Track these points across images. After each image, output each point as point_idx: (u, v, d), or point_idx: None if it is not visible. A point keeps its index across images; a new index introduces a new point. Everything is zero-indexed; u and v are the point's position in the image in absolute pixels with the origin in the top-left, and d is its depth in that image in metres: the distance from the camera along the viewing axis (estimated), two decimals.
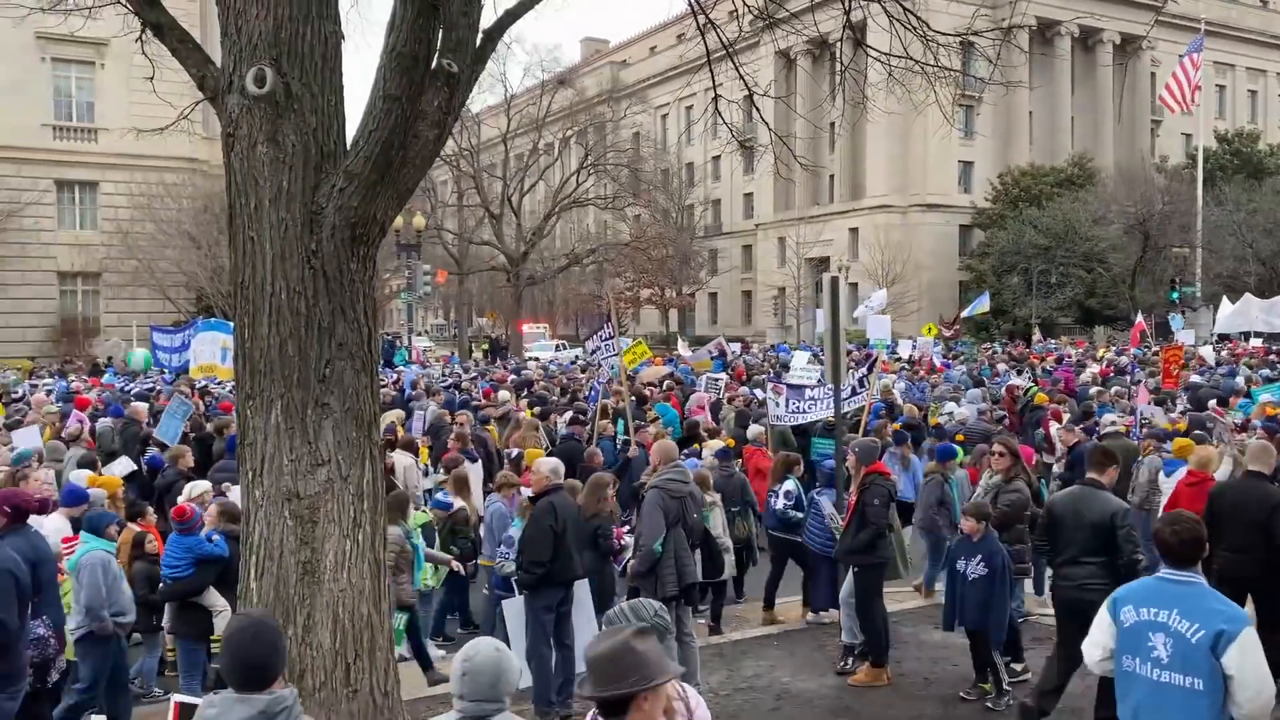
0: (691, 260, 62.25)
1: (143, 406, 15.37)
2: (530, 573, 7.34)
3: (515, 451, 11.81)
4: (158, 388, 20.64)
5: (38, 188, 39.97)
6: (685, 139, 65.92)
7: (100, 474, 9.77)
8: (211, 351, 14.96)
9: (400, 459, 11.32)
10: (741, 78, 8.80)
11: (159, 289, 39.16)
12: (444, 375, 27.30)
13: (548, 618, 7.49)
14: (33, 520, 7.27)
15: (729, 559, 9.67)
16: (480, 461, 12.13)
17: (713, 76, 8.46)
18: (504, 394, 18.08)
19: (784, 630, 9.87)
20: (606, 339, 14.26)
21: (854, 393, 12.00)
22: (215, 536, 7.43)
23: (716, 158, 69.17)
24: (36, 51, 40.88)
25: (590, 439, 13.30)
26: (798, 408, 12.60)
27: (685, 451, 11.98)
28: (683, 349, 32.29)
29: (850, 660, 8.61)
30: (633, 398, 14.35)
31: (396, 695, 5.68)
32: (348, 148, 5.52)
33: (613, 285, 63.01)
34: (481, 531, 9.79)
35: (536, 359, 39.05)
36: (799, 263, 58.31)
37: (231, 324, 5.99)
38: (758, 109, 9.59)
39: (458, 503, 9.69)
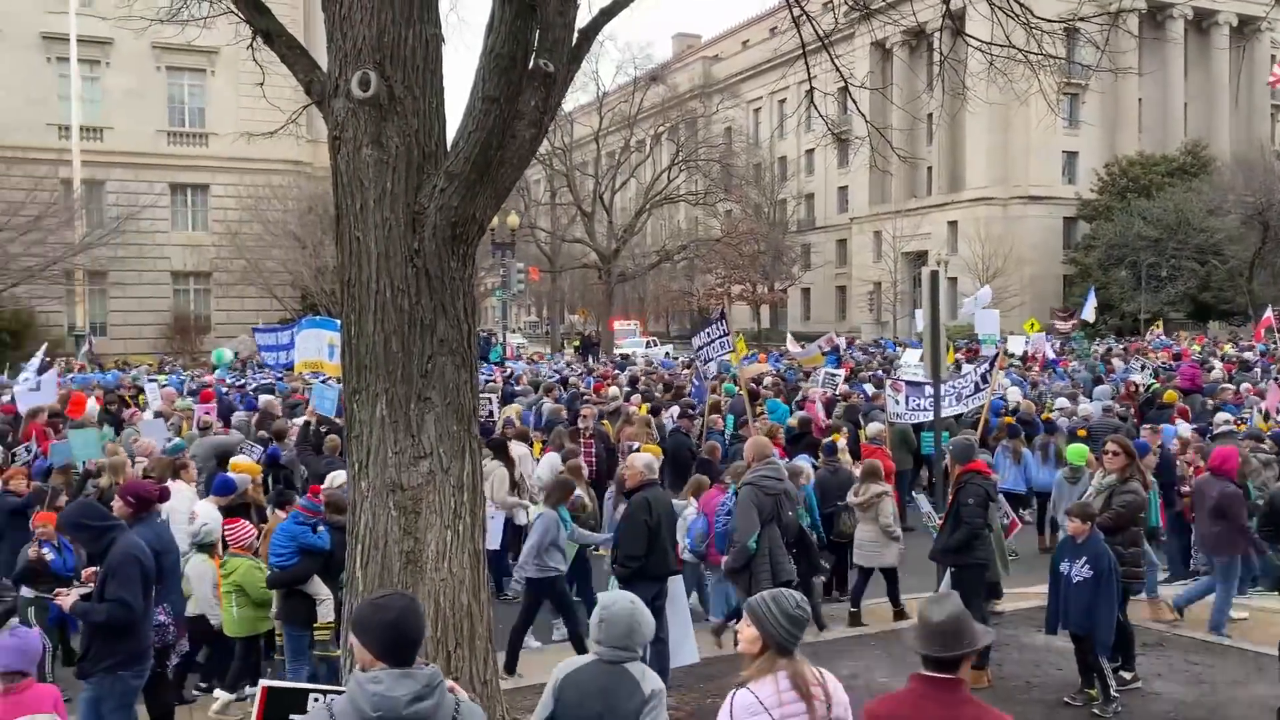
0: (784, 255, 61.73)
1: (275, 400, 16.02)
2: (625, 566, 7.39)
3: (634, 445, 11.82)
4: (276, 384, 21.44)
5: (153, 191, 41.83)
6: (778, 133, 65.40)
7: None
8: (316, 348, 15.43)
9: (516, 449, 11.79)
10: (837, 69, 8.69)
11: (266, 287, 40.61)
12: (551, 371, 27.73)
13: None
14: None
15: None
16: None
17: (808, 69, 8.38)
18: (614, 390, 18.46)
19: (880, 630, 9.73)
20: (718, 336, 14.21)
21: (976, 390, 11.78)
22: (320, 528, 7.67)
23: (810, 151, 68.39)
24: (153, 61, 42.81)
25: (701, 434, 13.35)
26: (918, 405, 12.40)
27: (799, 448, 11.95)
28: (790, 345, 32.06)
29: None
30: (743, 393, 14.32)
31: (495, 684, 5.80)
32: (448, 149, 5.64)
33: (703, 281, 62.94)
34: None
35: (629, 355, 39.30)
36: (895, 257, 57.30)
37: (338, 321, 6.18)
38: (854, 100, 9.46)
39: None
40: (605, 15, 6.46)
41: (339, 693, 3.65)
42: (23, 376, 15.73)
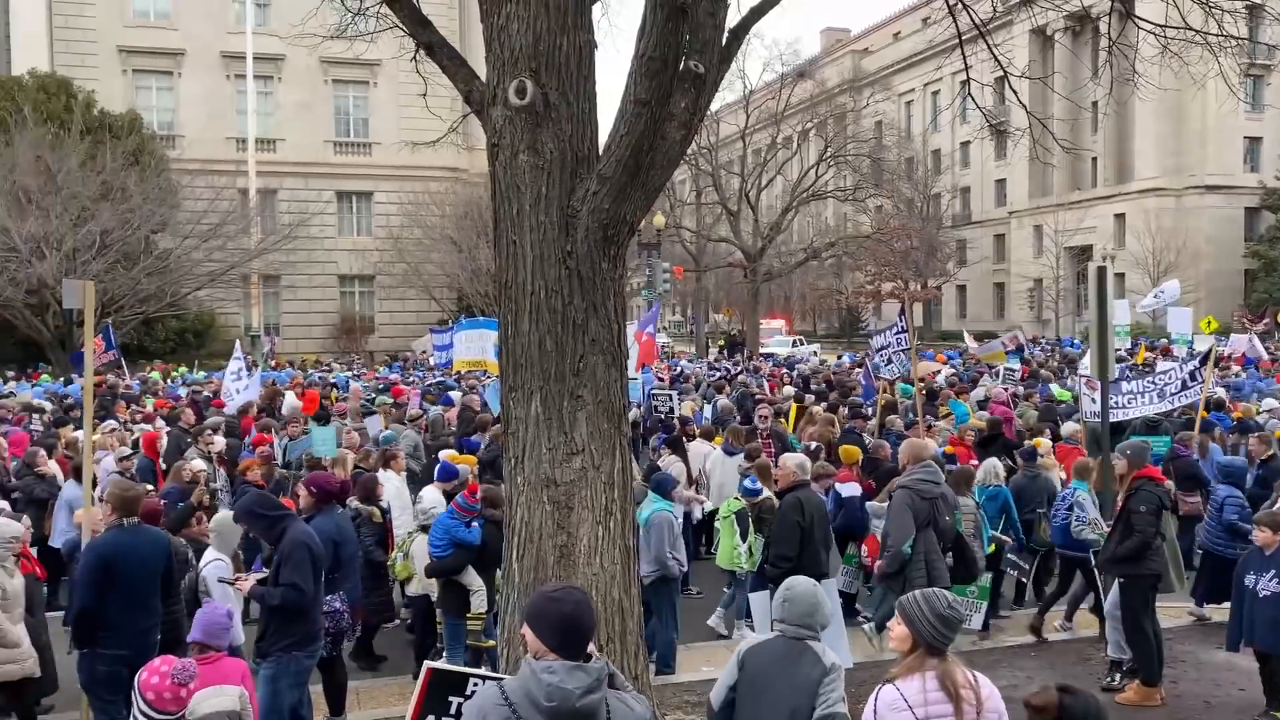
0: (938, 251, 59.91)
1: (476, 397, 16.77)
2: (777, 566, 7.35)
3: (814, 445, 11.70)
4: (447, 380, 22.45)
5: (321, 199, 44.20)
6: (931, 126, 63.53)
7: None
8: (481, 347, 15.93)
9: (701, 446, 12.09)
10: (995, 59, 8.39)
11: (425, 290, 42.28)
12: (711, 370, 27.89)
13: None
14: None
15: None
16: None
17: (964, 59, 8.12)
18: (789, 389, 18.50)
19: (1043, 640, 9.34)
20: (898, 334, 13.88)
21: (1184, 387, 11.22)
22: (473, 524, 7.94)
23: (966, 144, 66.13)
24: (321, 74, 45.24)
25: (878, 432, 13.19)
26: (1116, 403, 11.89)
27: (991, 450, 11.63)
28: (969, 342, 31.20)
29: (1118, 677, 8.03)
30: (919, 394, 14.00)
31: (646, 680, 5.87)
32: (600, 152, 5.75)
33: (852, 279, 61.76)
34: None
35: (773, 354, 39.03)
36: (1058, 252, 54.77)
37: (498, 321, 6.39)
38: (1013, 90, 9.10)
39: (765, 490, 9.87)
40: (755, 14, 6.44)
41: (499, 679, 3.78)
42: (229, 373, 16.90)
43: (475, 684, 4.07)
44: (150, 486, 9.99)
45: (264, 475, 10.10)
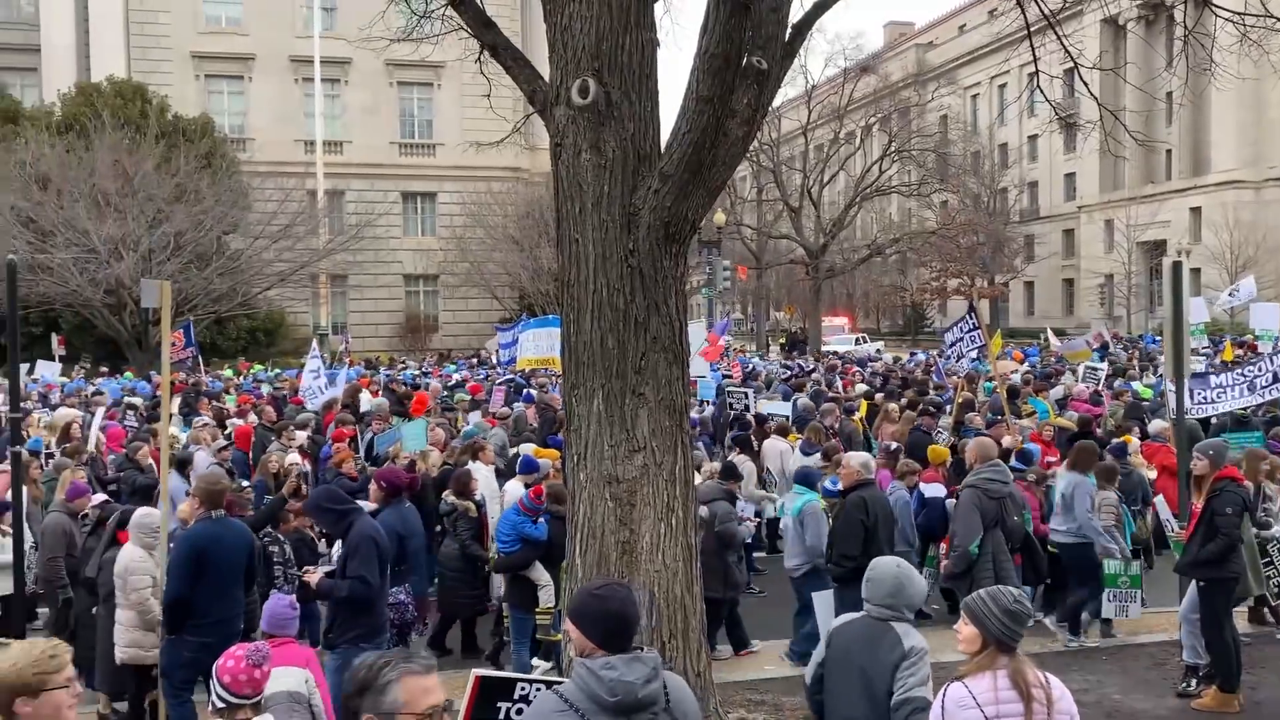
0: (1005, 247, 58.76)
1: (557, 395, 17.03)
2: (840, 565, 7.30)
3: (893, 445, 11.58)
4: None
5: (387, 199, 44.89)
6: (998, 120, 62.34)
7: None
8: (549, 345, 16.04)
9: (778, 444, 12.12)
10: (1065, 50, 8.21)
11: (487, 289, 42.72)
12: (782, 367, 27.81)
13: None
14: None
15: None
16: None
17: (1033, 50, 7.98)
18: (862, 386, 18.40)
19: (1115, 645, 9.12)
20: (969, 330, 13.60)
21: (1275, 380, 10.89)
22: (540, 520, 8.02)
23: (1034, 137, 64.80)
24: (386, 77, 45.97)
25: (953, 430, 13.00)
26: (1204, 398, 11.58)
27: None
28: (1052, 339, 30.61)
29: (1194, 682, 7.81)
30: (1000, 392, 13.73)
31: (708, 676, 5.88)
32: (662, 150, 5.76)
33: (917, 276, 60.89)
34: None
35: (835, 351, 38.67)
36: (1130, 247, 53.35)
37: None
38: (1083, 82, 8.91)
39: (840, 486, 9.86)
40: (818, 9, 6.40)
41: (548, 683, 3.82)
42: (308, 371, 17.38)
43: (523, 688, 4.13)
44: (246, 481, 10.40)
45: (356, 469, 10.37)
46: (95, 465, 11.60)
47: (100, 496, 8.92)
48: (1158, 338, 35.94)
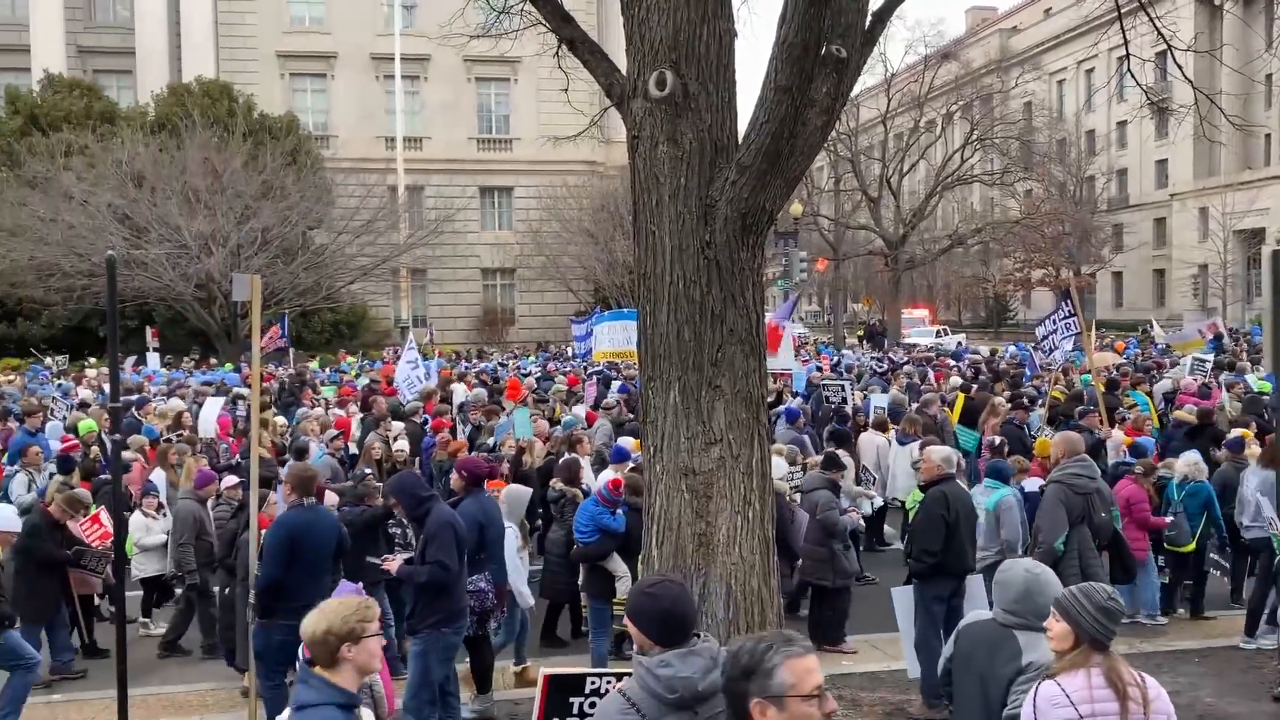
0: (1092, 237, 57.03)
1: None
2: (920, 561, 7.20)
3: (997, 440, 11.33)
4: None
5: (465, 194, 45.53)
6: (1086, 106, 60.53)
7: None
8: (625, 338, 16.16)
9: (874, 437, 12.11)
10: (1158, 31, 7.92)
11: (563, 282, 43.07)
12: (874, 361, 27.55)
13: (938, 609, 7.29)
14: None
15: None
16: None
17: (1123, 33, 7.71)
18: (955, 379, 18.22)
19: (1207, 646, 8.82)
20: (1064, 318, 13.18)
21: None
22: (618, 511, 8.07)
23: (1123, 123, 62.71)
24: (464, 73, 46.60)
25: (1052, 423, 12.70)
26: None
27: (1200, 442, 11.13)
28: (1156, 330, 29.70)
29: None
30: (1097, 385, 13.35)
31: None
32: (739, 141, 5.72)
33: (1000, 266, 59.52)
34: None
35: (917, 344, 38.06)
36: (1226, 235, 51.36)
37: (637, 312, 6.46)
38: (1177, 65, 8.58)
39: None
40: None
41: (618, 675, 3.84)
42: (404, 363, 17.90)
43: (593, 682, 4.18)
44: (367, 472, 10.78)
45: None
46: (210, 452, 12.10)
47: (232, 479, 9.31)
48: (1259, 329, 34.57)
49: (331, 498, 8.65)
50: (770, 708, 2.76)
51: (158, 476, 10.62)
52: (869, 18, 5.73)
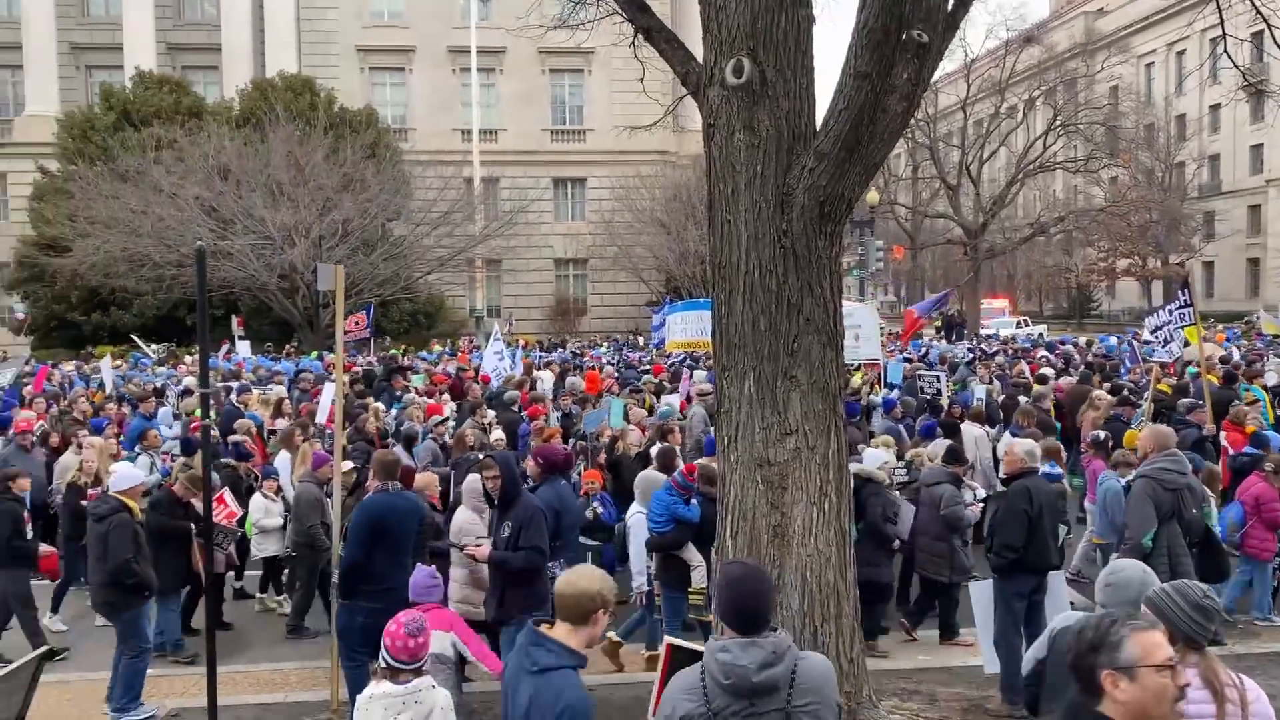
0: (1181, 225, 55.10)
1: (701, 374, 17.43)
2: (1001, 556, 7.05)
3: (1102, 434, 10.97)
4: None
5: (539, 185, 45.89)
6: (1176, 89, 58.42)
7: None
8: (699, 328, 16.18)
9: (973, 430, 11.95)
10: (1256, 10, 7.61)
11: (634, 272, 43.15)
12: (965, 352, 27.19)
13: (1019, 605, 7.14)
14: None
15: None
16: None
17: (1220, 12, 7.43)
18: (1048, 371, 17.93)
19: None
20: (1180, 307, 12.62)
21: None
22: (692, 501, 8.06)
23: (1216, 106, 60.40)
24: (539, 65, 46.92)
25: (1151, 418, 12.35)
26: None
27: None
28: (1264, 319, 28.64)
29: None
30: (1206, 378, 12.88)
31: (861, 663, 5.79)
32: (817, 128, 5.66)
33: (1083, 256, 57.91)
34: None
35: (997, 335, 37.28)
36: None
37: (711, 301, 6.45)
38: (1277, 44, 8.23)
39: (1058, 471, 9.61)
40: None
41: None
42: (491, 352, 18.27)
43: None
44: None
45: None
46: (325, 437, 12.48)
47: (348, 464, 9.61)
48: None
49: (427, 479, 8.76)
50: (1122, 679, 2.83)
51: (282, 460, 10.89)
52: (951, 2, 5.62)
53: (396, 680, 4.73)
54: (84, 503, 9.29)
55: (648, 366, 22.25)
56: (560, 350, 31.65)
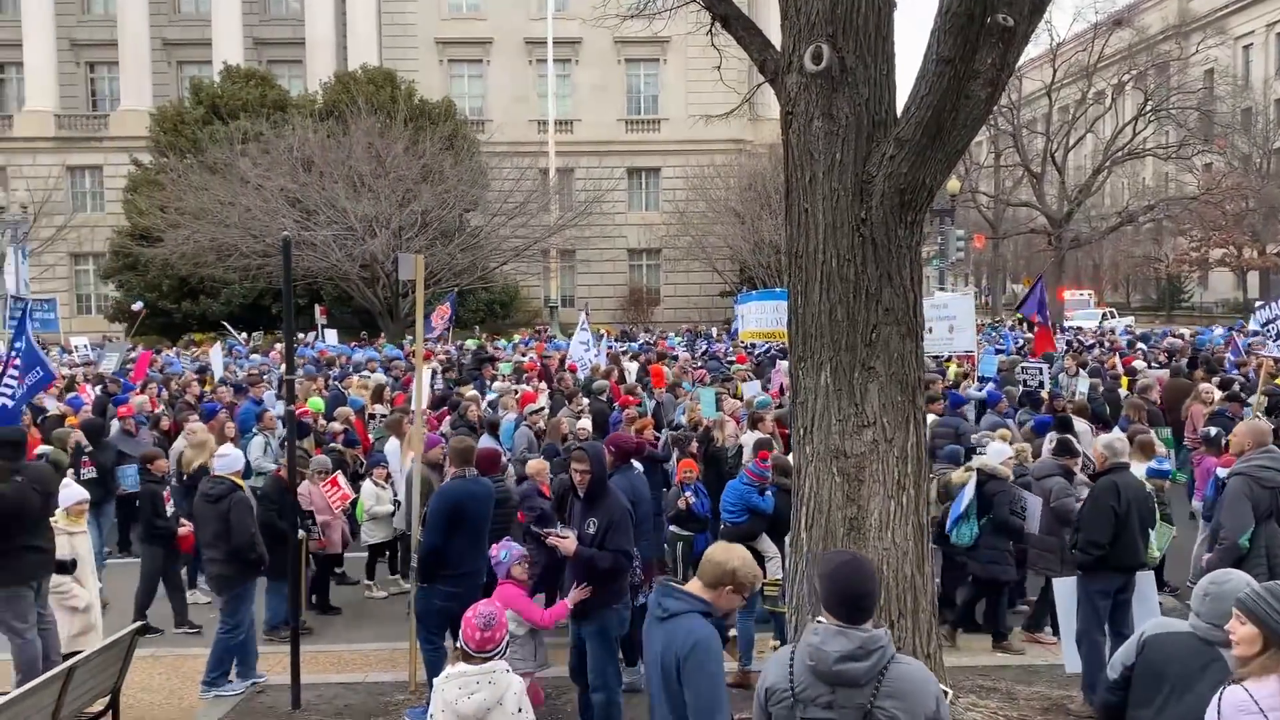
0: None
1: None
2: (1086, 553, 6.86)
3: (1213, 430, 10.63)
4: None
5: (613, 176, 45.98)
6: (1277, 71, 56.02)
7: None
8: (775, 318, 16.11)
9: (1078, 424, 11.72)
10: None
11: (708, 262, 42.99)
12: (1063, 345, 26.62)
13: (1103, 603, 6.95)
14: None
15: None
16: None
17: None
18: (1139, 363, 17.52)
19: None
20: None
21: None
22: (767, 491, 8.02)
23: None
24: (614, 55, 47.02)
25: (1262, 415, 11.98)
26: None
27: None
28: None
29: None
30: None
31: (939, 659, 5.70)
32: (897, 115, 5.56)
33: (1174, 245, 55.96)
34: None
35: (1081, 326, 36.31)
36: None
37: (786, 291, 6.38)
38: None
39: (1167, 468, 9.41)
40: None
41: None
42: (577, 342, 18.55)
43: None
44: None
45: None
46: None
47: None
48: None
49: (538, 466, 8.86)
50: None
51: (391, 446, 11.10)
52: None
53: (471, 661, 4.83)
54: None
55: (732, 357, 22.27)
56: (633, 341, 31.78)
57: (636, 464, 8.63)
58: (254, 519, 7.95)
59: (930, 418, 11.39)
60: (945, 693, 4.42)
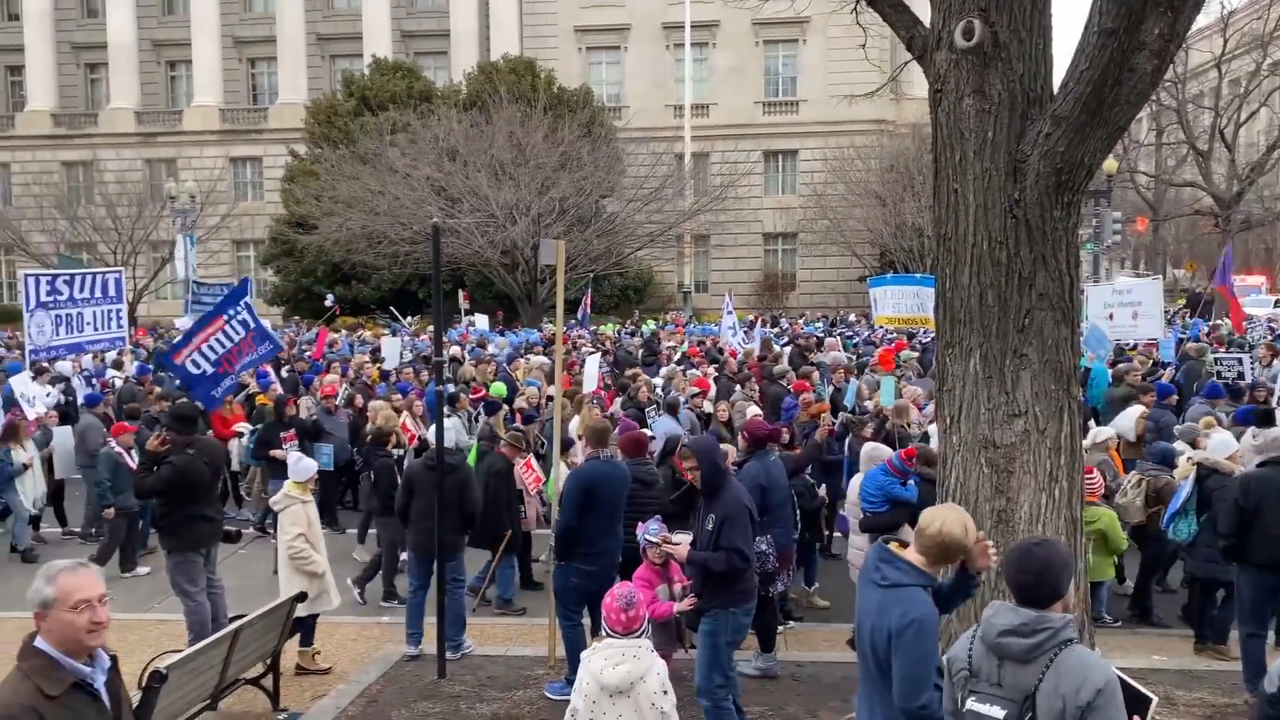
0: None
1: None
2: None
3: None
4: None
5: (750, 159, 45.61)
6: None
7: None
8: (915, 304, 15.74)
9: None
10: None
11: (847, 246, 42.19)
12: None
13: (1257, 601, 6.57)
14: None
15: None
16: None
17: None
18: None
19: None
20: None
21: None
22: (909, 482, 7.85)
23: None
24: (752, 37, 46.57)
25: None
26: None
27: None
28: None
29: None
30: None
31: None
32: (1054, 91, 5.33)
33: None
34: None
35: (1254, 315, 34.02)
36: None
37: (925, 276, 6.21)
38: None
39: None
40: None
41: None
42: (725, 326, 18.68)
43: None
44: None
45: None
46: (600, 403, 13.13)
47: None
48: None
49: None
50: None
51: (572, 429, 11.38)
52: None
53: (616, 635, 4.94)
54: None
55: (876, 343, 21.89)
56: (771, 327, 31.54)
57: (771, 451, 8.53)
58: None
59: (1136, 409, 10.90)
60: (1149, 700, 4.29)
